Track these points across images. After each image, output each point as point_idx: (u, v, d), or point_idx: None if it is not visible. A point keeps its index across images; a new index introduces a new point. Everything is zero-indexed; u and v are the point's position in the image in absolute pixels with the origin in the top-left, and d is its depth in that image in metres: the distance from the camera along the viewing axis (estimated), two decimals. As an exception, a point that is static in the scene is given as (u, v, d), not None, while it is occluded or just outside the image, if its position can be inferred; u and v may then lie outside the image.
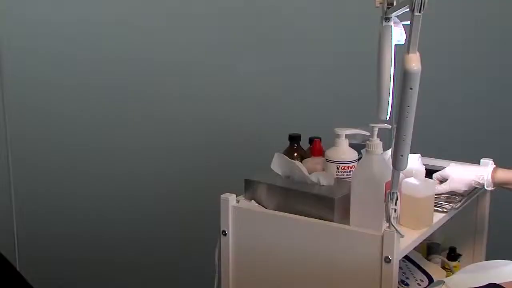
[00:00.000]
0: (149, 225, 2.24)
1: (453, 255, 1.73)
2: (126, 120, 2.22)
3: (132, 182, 2.28)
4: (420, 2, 1.00)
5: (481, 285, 1.13)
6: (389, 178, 1.25)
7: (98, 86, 2.20)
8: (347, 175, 1.48)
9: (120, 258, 2.33)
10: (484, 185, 1.51)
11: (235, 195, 1.45)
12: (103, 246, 2.34)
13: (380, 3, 1.34)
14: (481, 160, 1.71)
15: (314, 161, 1.55)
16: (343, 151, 1.50)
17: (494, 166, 1.56)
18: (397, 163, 1.19)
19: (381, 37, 1.37)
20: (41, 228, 2.31)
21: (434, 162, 1.75)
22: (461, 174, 1.53)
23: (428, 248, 1.71)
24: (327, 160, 1.50)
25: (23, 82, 2.19)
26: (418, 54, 1.07)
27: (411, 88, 1.08)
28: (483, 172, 1.52)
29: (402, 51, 1.15)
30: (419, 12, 1.01)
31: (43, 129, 2.25)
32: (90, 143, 2.25)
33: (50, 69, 2.20)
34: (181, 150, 1.96)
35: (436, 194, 1.47)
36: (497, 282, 1.12)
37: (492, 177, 1.51)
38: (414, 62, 1.06)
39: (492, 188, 1.53)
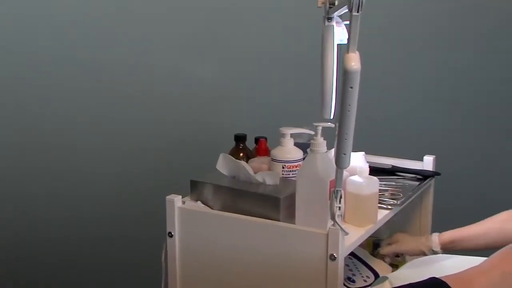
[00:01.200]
0: (94, 227, 2.21)
1: (398, 250, 1.76)
2: (73, 121, 2.18)
3: (78, 182, 2.24)
4: (358, 2, 1.01)
5: (423, 279, 1.14)
6: (334, 177, 1.26)
7: (41, 84, 2.15)
8: (292, 174, 1.49)
9: (65, 260, 2.29)
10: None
11: (180, 196, 1.44)
12: (46, 247, 2.29)
13: (322, 3, 1.35)
14: (424, 157, 1.75)
15: (260, 161, 1.56)
16: (289, 151, 1.51)
17: (438, 234, 1.60)
18: (340, 161, 1.20)
19: (323, 37, 1.38)
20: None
21: (378, 159, 1.78)
22: (411, 247, 1.56)
23: (374, 244, 1.74)
24: (273, 160, 1.51)
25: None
26: (357, 53, 1.08)
27: (351, 87, 1.09)
28: (431, 244, 1.57)
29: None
30: (357, 12, 1.02)
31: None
32: (35, 142, 2.20)
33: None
34: (127, 152, 1.93)
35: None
36: (438, 276, 1.14)
37: (441, 244, 1.56)
38: (354, 61, 1.07)
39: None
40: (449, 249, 1.54)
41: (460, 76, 2.43)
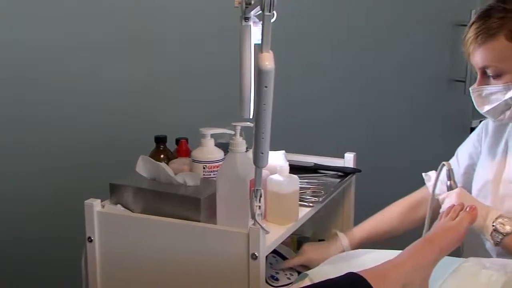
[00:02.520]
0: (10, 229, 2.12)
1: (322, 247, 1.78)
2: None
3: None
4: (269, 2, 1.02)
5: (341, 274, 1.17)
6: (253, 176, 1.27)
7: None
8: (214, 174, 1.48)
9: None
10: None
11: (99, 200, 1.41)
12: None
13: (239, 3, 1.35)
14: (345, 155, 1.79)
15: (180, 162, 1.55)
16: (209, 151, 1.50)
17: (344, 235, 1.63)
18: (258, 160, 1.21)
19: (241, 37, 1.39)
20: None
21: (300, 158, 1.81)
22: (321, 256, 1.56)
23: (298, 242, 1.75)
24: (194, 161, 1.50)
25: None
26: (271, 53, 1.09)
27: (266, 87, 1.10)
28: (342, 249, 1.60)
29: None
30: (269, 11, 1.03)
31: None
32: None
33: None
34: (44, 154, 1.87)
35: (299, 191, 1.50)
36: (356, 271, 1.16)
37: (352, 245, 1.61)
38: (268, 60, 1.08)
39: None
40: (364, 245, 1.58)
41: (380, 75, 2.49)
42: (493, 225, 1.33)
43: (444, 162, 1.48)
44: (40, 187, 1.88)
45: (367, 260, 1.34)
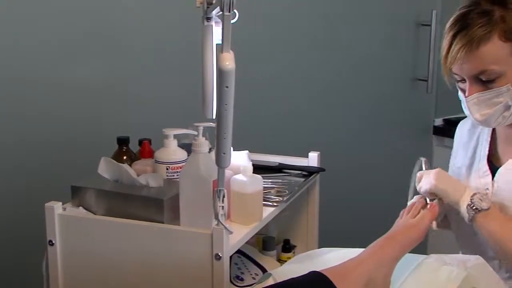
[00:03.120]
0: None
1: (287, 247, 1.79)
2: None
3: None
4: (229, 2, 1.02)
5: (304, 273, 1.17)
6: (217, 176, 1.26)
7: None
8: (177, 175, 1.48)
9: None
10: None
11: (61, 203, 1.39)
12: None
13: (200, 3, 1.35)
14: (309, 154, 1.79)
15: (143, 163, 1.54)
16: (172, 152, 1.50)
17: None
18: (220, 160, 1.21)
19: (203, 37, 1.38)
20: None
21: (264, 157, 1.81)
22: None
23: (263, 242, 1.75)
24: (157, 162, 1.49)
25: None
26: (232, 53, 1.09)
27: (227, 87, 1.10)
28: None
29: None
30: (229, 11, 1.03)
31: None
32: None
33: None
34: (3, 155, 1.83)
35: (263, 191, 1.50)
36: (319, 270, 1.17)
37: None
38: (228, 60, 1.08)
39: None
40: None
41: (343, 74, 2.51)
42: (470, 200, 1.32)
43: (420, 157, 1.49)
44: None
45: (331, 259, 1.35)
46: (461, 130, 1.58)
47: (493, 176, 1.41)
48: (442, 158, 1.78)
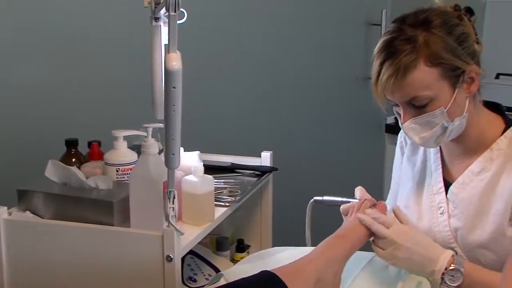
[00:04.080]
0: None
1: (241, 246, 1.79)
2: None
3: None
4: (174, 1, 1.01)
5: (255, 273, 1.17)
6: (167, 177, 1.26)
7: None
8: (127, 177, 1.46)
9: None
10: None
11: (6, 208, 1.36)
12: None
13: (148, 3, 1.34)
14: (262, 153, 1.80)
15: (93, 165, 1.52)
16: (122, 153, 1.48)
17: None
18: (169, 162, 1.20)
19: (151, 37, 1.37)
20: None
21: (217, 158, 1.81)
22: None
23: (217, 242, 1.75)
24: (106, 164, 1.47)
25: None
26: (178, 53, 1.08)
27: (174, 87, 1.09)
28: None
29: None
30: (174, 11, 1.02)
31: None
32: None
33: None
34: None
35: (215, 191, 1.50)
36: (270, 269, 1.17)
37: None
38: (175, 61, 1.08)
39: None
40: None
41: (294, 74, 2.52)
42: (442, 277, 1.26)
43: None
44: None
45: (283, 258, 1.35)
46: (404, 141, 1.55)
47: (446, 191, 1.40)
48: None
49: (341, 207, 1.40)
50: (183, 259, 1.63)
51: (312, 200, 1.51)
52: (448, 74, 1.25)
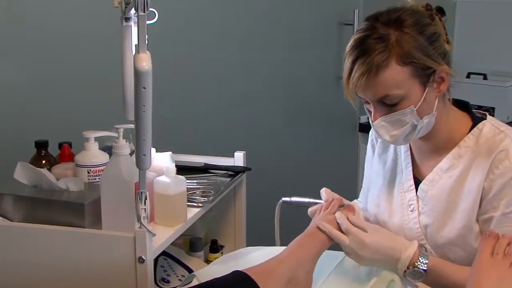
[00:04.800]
0: None
1: (215, 247, 1.79)
2: None
3: None
4: (143, 1, 1.01)
5: (227, 273, 1.17)
6: (138, 179, 1.25)
7: None
8: (99, 178, 1.45)
9: None
10: None
11: (-26, 211, 1.35)
12: None
13: (119, 3, 1.33)
14: (235, 154, 1.80)
15: (64, 167, 1.50)
16: (93, 155, 1.47)
17: None
18: (140, 162, 1.19)
19: (122, 37, 1.36)
20: None
21: (190, 158, 1.80)
22: None
23: (191, 243, 1.75)
24: (77, 165, 1.46)
25: None
26: (148, 53, 1.08)
27: (144, 88, 1.09)
28: None
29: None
30: (143, 11, 1.02)
31: None
32: None
33: None
34: None
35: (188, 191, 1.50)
36: (242, 269, 1.18)
37: None
38: (145, 61, 1.07)
39: None
40: None
41: (267, 74, 2.52)
42: (405, 272, 1.28)
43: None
44: None
45: (256, 258, 1.35)
46: (375, 139, 1.57)
47: (416, 188, 1.42)
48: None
49: (309, 210, 1.41)
50: (156, 260, 1.63)
51: (281, 201, 1.52)
52: (419, 74, 1.26)
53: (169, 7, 2.05)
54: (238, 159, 1.80)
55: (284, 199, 1.51)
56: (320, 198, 1.42)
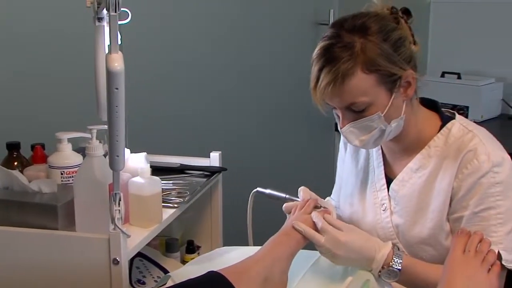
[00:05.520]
0: None
1: (191, 247, 1.78)
2: None
3: None
4: (114, 1, 1.00)
5: (202, 274, 1.17)
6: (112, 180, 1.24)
7: None
8: (73, 180, 1.43)
9: None
10: None
11: None
12: None
13: (91, 3, 1.32)
14: (211, 154, 1.80)
15: (36, 169, 1.49)
16: (67, 156, 1.46)
17: None
18: (114, 163, 1.18)
19: (95, 38, 1.35)
20: None
21: (166, 159, 1.79)
22: None
23: (167, 244, 1.74)
24: (50, 167, 1.45)
25: None
26: (120, 53, 1.07)
27: (116, 88, 1.08)
28: None
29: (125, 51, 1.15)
30: (115, 11, 1.01)
31: None
32: None
33: None
34: None
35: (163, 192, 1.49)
36: (217, 269, 1.17)
37: None
38: (117, 61, 1.06)
39: None
40: None
41: (243, 75, 2.52)
42: (379, 272, 1.28)
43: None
44: None
45: (231, 258, 1.35)
46: None
47: (388, 188, 1.42)
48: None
49: (284, 206, 1.41)
50: (131, 261, 1.62)
51: (255, 190, 1.50)
52: (385, 80, 1.27)
53: (143, 7, 2.04)
54: (214, 159, 1.79)
55: (259, 189, 1.50)
56: (296, 195, 1.42)
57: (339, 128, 1.35)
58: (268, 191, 1.48)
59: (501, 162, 1.29)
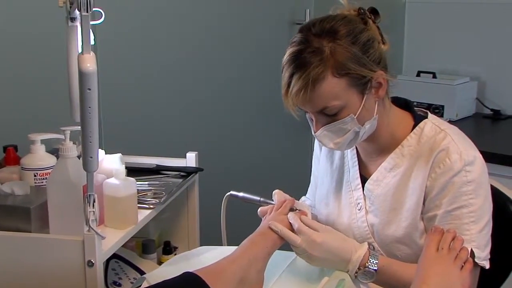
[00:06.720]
0: None
1: (168, 248, 1.78)
2: None
3: None
4: (86, 1, 0.99)
5: (178, 275, 1.16)
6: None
7: None
8: (46, 182, 1.42)
9: None
10: None
11: None
12: None
13: (63, 3, 1.30)
14: (187, 154, 1.79)
15: (9, 171, 1.47)
16: (40, 158, 1.45)
17: None
18: (87, 165, 1.18)
19: (68, 38, 1.34)
20: None
21: (142, 160, 1.78)
22: None
23: (143, 245, 1.73)
24: (23, 168, 1.43)
25: None
26: (93, 54, 1.06)
27: (89, 89, 1.07)
28: None
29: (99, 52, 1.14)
30: (86, 11, 1.00)
31: None
32: None
33: None
34: None
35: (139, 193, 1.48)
36: (193, 270, 1.17)
37: None
38: (89, 62, 1.05)
39: None
40: None
41: (220, 74, 2.52)
42: (356, 273, 1.28)
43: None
44: None
45: (208, 258, 1.35)
46: None
47: (363, 187, 1.43)
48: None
49: (259, 210, 1.40)
50: (107, 263, 1.61)
51: (228, 193, 1.50)
52: (356, 83, 1.27)
53: (118, 7, 2.03)
54: (190, 159, 1.79)
55: (232, 192, 1.49)
56: (271, 197, 1.42)
57: (313, 132, 1.35)
58: (241, 194, 1.47)
59: (473, 161, 1.30)
